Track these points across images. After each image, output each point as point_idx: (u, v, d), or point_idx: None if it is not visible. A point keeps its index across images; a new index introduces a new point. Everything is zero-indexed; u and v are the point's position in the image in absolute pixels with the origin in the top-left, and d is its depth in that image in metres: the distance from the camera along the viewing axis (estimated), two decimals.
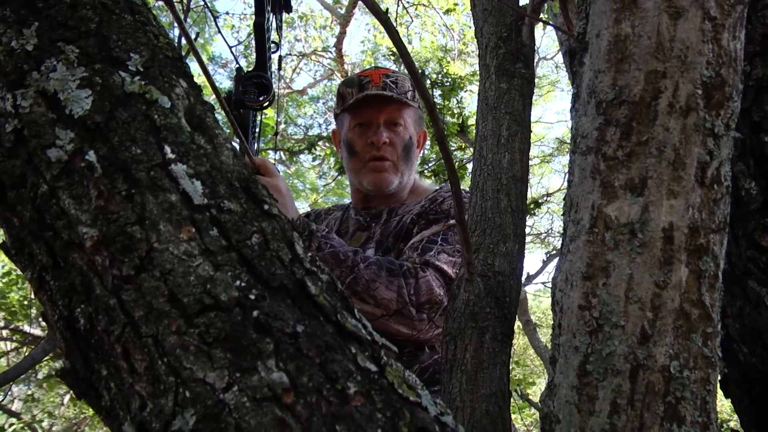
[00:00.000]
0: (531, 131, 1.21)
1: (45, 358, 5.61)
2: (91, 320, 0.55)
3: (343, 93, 1.74)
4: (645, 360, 0.61)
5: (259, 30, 1.32)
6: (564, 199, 0.74)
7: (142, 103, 0.59)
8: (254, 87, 1.49)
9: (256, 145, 1.61)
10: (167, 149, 0.57)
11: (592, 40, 0.71)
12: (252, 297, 0.52)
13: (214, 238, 0.55)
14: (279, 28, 1.67)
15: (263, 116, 1.51)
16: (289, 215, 1.36)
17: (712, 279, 0.65)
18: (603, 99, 0.68)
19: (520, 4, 1.37)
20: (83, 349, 0.57)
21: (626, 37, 0.68)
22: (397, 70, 1.85)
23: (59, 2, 0.62)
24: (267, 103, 1.46)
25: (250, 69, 1.50)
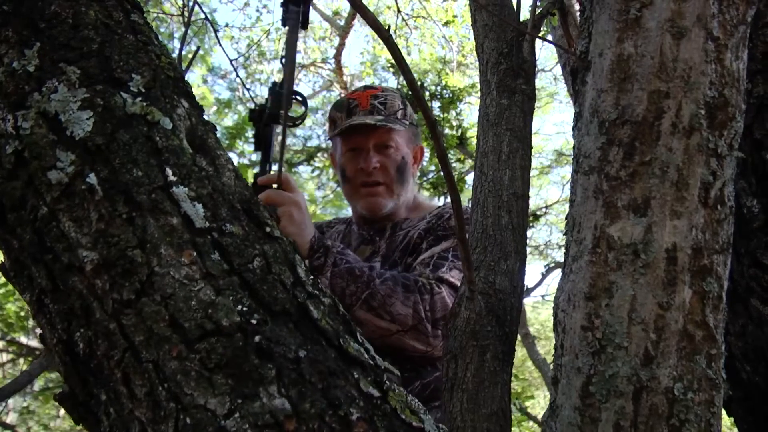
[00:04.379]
0: (532, 147, 1.20)
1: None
2: (90, 344, 0.54)
3: (333, 117, 1.73)
4: (648, 382, 0.61)
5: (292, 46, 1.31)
6: (566, 218, 0.73)
7: (144, 124, 0.59)
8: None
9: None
10: (169, 171, 0.57)
11: (595, 59, 0.71)
12: (254, 322, 0.52)
13: (216, 261, 0.54)
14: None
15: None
16: (306, 231, 1.36)
17: (716, 300, 0.64)
18: (606, 118, 0.68)
19: (521, 19, 1.37)
20: (82, 374, 0.56)
21: (629, 57, 0.67)
22: (387, 87, 1.82)
23: (61, 23, 0.61)
24: (300, 120, 1.45)
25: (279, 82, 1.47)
